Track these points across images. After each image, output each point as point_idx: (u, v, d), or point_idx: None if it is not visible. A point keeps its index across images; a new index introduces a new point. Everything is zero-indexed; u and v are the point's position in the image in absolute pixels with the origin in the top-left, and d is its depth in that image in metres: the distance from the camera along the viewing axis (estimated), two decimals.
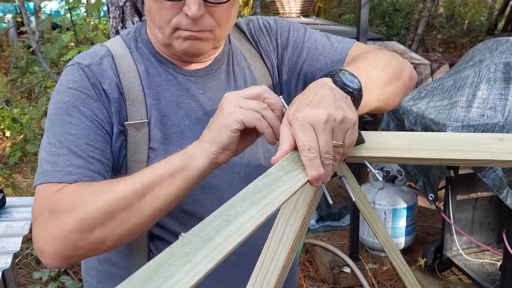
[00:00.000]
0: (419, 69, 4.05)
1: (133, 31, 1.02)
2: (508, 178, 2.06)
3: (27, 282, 2.90)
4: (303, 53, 1.04)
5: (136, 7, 2.04)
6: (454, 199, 2.68)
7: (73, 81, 0.92)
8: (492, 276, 2.64)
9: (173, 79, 0.98)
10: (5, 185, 3.93)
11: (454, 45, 8.68)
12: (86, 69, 0.93)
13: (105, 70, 0.94)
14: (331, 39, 1.06)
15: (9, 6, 8.59)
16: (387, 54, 0.95)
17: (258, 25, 1.08)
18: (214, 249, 0.55)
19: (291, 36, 1.07)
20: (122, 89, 0.94)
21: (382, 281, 2.96)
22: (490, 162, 0.77)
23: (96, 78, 0.93)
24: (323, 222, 3.49)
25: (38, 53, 3.72)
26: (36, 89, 5.51)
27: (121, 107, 0.94)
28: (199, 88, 0.99)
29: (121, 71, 0.95)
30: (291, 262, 0.76)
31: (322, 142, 0.66)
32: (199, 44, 0.92)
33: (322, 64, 1.01)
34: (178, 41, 0.92)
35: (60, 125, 0.89)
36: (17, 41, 7.56)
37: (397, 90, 0.92)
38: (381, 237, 0.84)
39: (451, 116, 2.22)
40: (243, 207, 0.60)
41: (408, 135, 0.80)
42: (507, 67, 2.27)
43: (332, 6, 9.87)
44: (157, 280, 0.50)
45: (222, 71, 1.03)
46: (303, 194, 0.76)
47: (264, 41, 1.08)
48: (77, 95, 0.91)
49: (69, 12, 3.35)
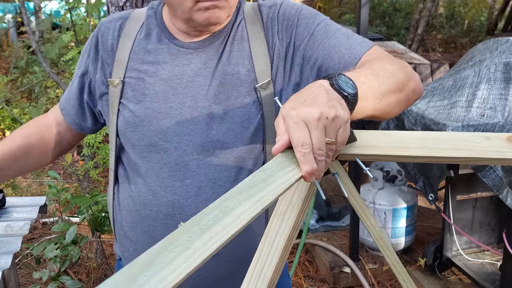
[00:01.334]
0: (419, 69, 4.05)
1: (158, 2, 1.16)
2: (508, 178, 2.06)
3: (27, 282, 2.90)
4: (319, 49, 1.04)
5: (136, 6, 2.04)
6: (454, 199, 2.68)
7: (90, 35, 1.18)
8: (492, 276, 2.64)
9: (165, 48, 1.10)
10: (5, 185, 3.93)
11: (454, 45, 8.68)
12: (98, 26, 1.16)
13: (109, 30, 1.14)
14: (350, 39, 1.05)
15: (9, 6, 8.59)
16: (395, 65, 0.95)
17: (277, 12, 1.09)
18: (212, 237, 0.58)
19: (310, 29, 1.06)
20: (115, 49, 1.12)
21: (382, 281, 2.96)
22: (478, 159, 0.79)
23: (98, 35, 1.14)
24: (323, 222, 3.49)
25: (38, 53, 3.72)
26: (36, 89, 5.51)
27: (108, 64, 1.13)
28: (185, 59, 1.08)
29: (124, 34, 1.12)
30: (286, 256, 0.79)
31: (315, 139, 0.68)
32: (218, 12, 1.01)
33: (336, 62, 1.02)
34: (199, 12, 1.01)
35: None
36: (17, 41, 7.56)
37: (397, 102, 0.92)
38: (374, 234, 0.87)
39: (451, 116, 2.22)
40: (239, 199, 0.63)
41: (398, 134, 0.83)
42: (507, 67, 2.27)
43: (332, 6, 9.87)
44: (158, 265, 0.53)
45: (213, 47, 1.09)
46: (298, 190, 0.79)
47: (276, 28, 1.08)
48: (85, 46, 1.18)
49: (69, 12, 3.34)
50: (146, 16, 1.14)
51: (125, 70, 1.10)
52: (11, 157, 1.17)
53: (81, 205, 2.48)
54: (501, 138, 0.80)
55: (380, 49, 1.04)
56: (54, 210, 3.44)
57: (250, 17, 1.11)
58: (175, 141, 1.06)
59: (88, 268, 3.03)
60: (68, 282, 2.43)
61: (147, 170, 1.09)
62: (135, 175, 1.12)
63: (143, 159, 1.09)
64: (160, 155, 1.07)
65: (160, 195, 1.09)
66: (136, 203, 1.12)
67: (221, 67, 1.07)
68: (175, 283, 0.52)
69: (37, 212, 1.89)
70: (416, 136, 0.82)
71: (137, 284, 0.51)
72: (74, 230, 2.43)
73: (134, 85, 1.09)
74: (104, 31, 1.14)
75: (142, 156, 1.09)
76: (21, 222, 1.71)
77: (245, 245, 1.08)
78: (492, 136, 0.81)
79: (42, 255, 2.70)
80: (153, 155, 1.08)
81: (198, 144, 1.06)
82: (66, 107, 1.24)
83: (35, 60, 5.94)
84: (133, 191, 1.13)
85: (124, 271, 0.52)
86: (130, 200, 1.14)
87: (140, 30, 1.12)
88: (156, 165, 1.08)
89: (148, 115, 1.07)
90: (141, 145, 1.09)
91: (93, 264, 3.03)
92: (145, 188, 1.10)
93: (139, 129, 1.08)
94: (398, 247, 3.09)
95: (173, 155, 1.06)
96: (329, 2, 9.84)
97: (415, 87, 0.97)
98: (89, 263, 3.06)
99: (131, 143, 1.10)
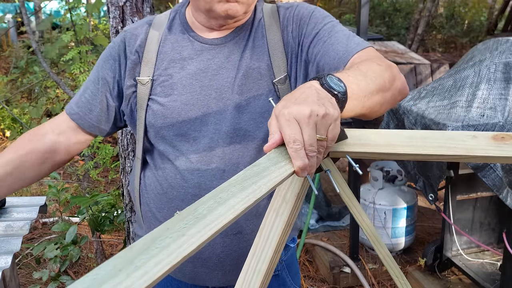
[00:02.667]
0: (419, 69, 4.05)
1: (181, 4, 1.24)
2: (508, 178, 2.06)
3: (27, 282, 2.90)
4: (320, 46, 1.12)
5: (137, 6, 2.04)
6: (454, 199, 2.68)
7: (113, 41, 1.25)
8: (492, 276, 2.64)
9: (189, 45, 1.19)
10: None
11: (454, 45, 8.68)
12: (124, 33, 1.24)
13: (136, 36, 1.22)
14: (350, 39, 1.11)
15: (9, 6, 8.59)
16: (383, 65, 0.99)
17: (293, 12, 1.19)
18: (206, 226, 0.61)
19: (317, 28, 1.14)
20: (143, 52, 1.20)
21: (382, 281, 2.96)
22: (464, 157, 0.82)
23: (125, 41, 1.22)
24: (323, 222, 3.49)
25: (38, 53, 3.72)
26: (36, 89, 5.51)
27: (136, 66, 1.21)
28: (209, 54, 1.17)
29: (150, 37, 1.21)
30: (280, 250, 0.83)
31: (306, 135, 0.72)
32: (237, 6, 1.09)
33: (331, 58, 1.08)
34: (219, 4, 1.09)
35: (91, 73, 1.27)
36: (17, 41, 7.56)
37: (384, 101, 0.96)
38: (366, 229, 0.91)
39: (451, 116, 2.22)
40: (233, 191, 0.66)
41: (388, 132, 0.86)
42: (507, 67, 2.27)
43: (332, 6, 9.88)
44: (154, 249, 0.56)
45: (235, 42, 1.18)
46: (291, 186, 0.82)
47: (290, 27, 1.18)
48: (105, 53, 1.25)
49: (69, 12, 3.34)
50: (169, 18, 1.23)
51: (154, 69, 1.19)
52: (2, 170, 1.17)
53: (81, 205, 2.48)
54: (487, 136, 0.84)
55: (374, 51, 1.09)
56: (54, 210, 3.45)
57: (268, 16, 1.20)
58: (203, 130, 1.16)
59: (88, 268, 3.03)
60: (68, 282, 2.43)
61: (176, 156, 1.18)
62: (163, 161, 1.21)
63: (173, 147, 1.18)
64: (189, 143, 1.17)
65: (188, 178, 1.17)
66: (164, 186, 1.21)
67: (244, 62, 1.16)
68: (171, 265, 0.55)
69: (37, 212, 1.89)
70: (405, 135, 0.85)
71: (134, 266, 0.53)
72: (74, 230, 2.43)
73: (163, 82, 1.18)
74: (131, 36, 1.22)
75: (172, 145, 1.18)
76: (21, 222, 1.71)
77: None
78: (478, 134, 0.84)
79: (42, 255, 2.70)
80: (183, 143, 1.17)
81: (223, 132, 1.15)
82: (81, 111, 1.26)
83: (35, 60, 5.94)
84: (161, 175, 1.21)
85: (122, 254, 0.55)
86: (157, 184, 1.22)
87: (165, 31, 1.21)
88: (185, 152, 1.17)
89: (177, 107, 1.16)
90: (171, 135, 1.17)
91: (93, 264, 3.03)
92: (173, 172, 1.19)
93: (169, 121, 1.17)
94: (398, 247, 3.08)
95: (201, 142, 1.16)
96: (329, 2, 9.84)
97: (401, 86, 1.02)
98: (89, 263, 3.06)
99: (161, 134, 1.19)
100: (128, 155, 2.17)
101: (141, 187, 1.28)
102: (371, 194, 3.06)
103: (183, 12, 1.23)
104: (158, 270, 0.54)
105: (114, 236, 3.37)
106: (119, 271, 0.52)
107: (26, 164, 1.21)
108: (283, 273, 1.33)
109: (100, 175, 4.01)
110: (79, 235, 2.57)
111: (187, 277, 1.25)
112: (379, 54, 1.07)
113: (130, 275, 0.52)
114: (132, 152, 2.17)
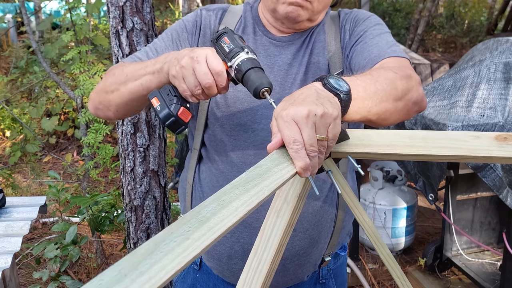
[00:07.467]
0: (419, 69, 4.05)
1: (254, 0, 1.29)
2: (508, 178, 2.06)
3: (27, 282, 2.90)
4: (359, 45, 1.15)
5: (137, 6, 2.04)
6: (454, 199, 2.68)
7: (188, 15, 1.27)
8: (492, 276, 2.64)
9: (258, 40, 1.22)
10: (5, 185, 3.93)
11: (454, 45, 8.69)
12: (200, 11, 1.26)
13: (210, 17, 1.24)
14: (388, 46, 1.11)
15: (9, 6, 8.59)
16: (399, 74, 0.97)
17: (352, 15, 1.23)
18: (210, 229, 0.61)
19: (365, 29, 1.18)
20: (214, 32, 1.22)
21: (382, 281, 2.96)
22: (467, 158, 0.82)
23: (200, 18, 1.24)
24: None
25: (38, 53, 3.72)
26: (36, 89, 5.51)
27: (205, 44, 1.22)
28: (276, 50, 1.21)
29: (224, 22, 1.24)
30: (282, 251, 0.82)
31: (306, 135, 0.72)
32: (300, 10, 1.13)
33: (362, 59, 1.10)
34: (283, 5, 1.12)
35: (158, 38, 1.25)
36: (17, 41, 7.55)
37: (395, 109, 0.94)
38: (367, 229, 0.90)
39: (451, 116, 2.22)
40: (236, 193, 0.66)
41: (390, 132, 0.85)
42: (507, 67, 2.27)
43: None
44: (159, 254, 0.56)
45: (300, 40, 1.21)
46: (293, 187, 0.82)
47: (347, 26, 1.22)
48: (180, 24, 1.25)
49: (69, 12, 3.34)
50: (243, 10, 1.27)
51: None
52: None
53: (81, 205, 2.48)
54: (490, 137, 0.83)
55: (406, 62, 1.07)
56: (54, 210, 3.44)
57: (331, 18, 1.25)
58: (263, 123, 1.16)
59: (88, 268, 3.03)
60: (68, 282, 2.43)
61: (233, 147, 1.19)
62: (220, 153, 1.23)
63: (231, 137, 1.19)
64: (247, 134, 1.18)
65: (244, 170, 1.15)
66: (219, 179, 1.21)
67: (306, 57, 1.19)
68: (176, 270, 0.55)
69: (37, 212, 1.89)
70: (407, 135, 0.84)
71: (139, 271, 0.53)
72: (74, 230, 2.43)
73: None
74: (206, 16, 1.25)
75: (230, 134, 1.19)
76: (21, 222, 1.71)
77: (318, 227, 1.20)
78: (481, 135, 0.84)
79: (42, 255, 2.70)
80: (241, 134, 1.18)
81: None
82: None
83: (35, 60, 5.93)
84: (216, 169, 1.23)
85: (127, 259, 0.55)
86: (212, 177, 1.23)
87: (238, 23, 1.25)
88: (243, 143, 1.18)
89: (240, 98, 1.17)
90: (230, 124, 1.19)
91: (93, 264, 3.03)
92: (229, 165, 1.20)
93: (230, 110, 1.18)
94: (398, 247, 3.08)
95: (260, 135, 1.17)
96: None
97: (416, 98, 0.99)
98: (89, 263, 3.06)
99: (220, 123, 1.20)
100: (128, 155, 2.17)
101: (194, 180, 1.28)
102: (371, 194, 3.06)
103: (256, 7, 1.26)
104: (163, 275, 0.54)
105: (114, 236, 3.37)
106: (124, 276, 0.52)
107: None
108: (329, 282, 1.31)
109: (100, 175, 4.01)
110: (79, 235, 2.57)
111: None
112: (410, 66, 1.05)
113: (135, 280, 0.52)
114: (132, 152, 2.17)
